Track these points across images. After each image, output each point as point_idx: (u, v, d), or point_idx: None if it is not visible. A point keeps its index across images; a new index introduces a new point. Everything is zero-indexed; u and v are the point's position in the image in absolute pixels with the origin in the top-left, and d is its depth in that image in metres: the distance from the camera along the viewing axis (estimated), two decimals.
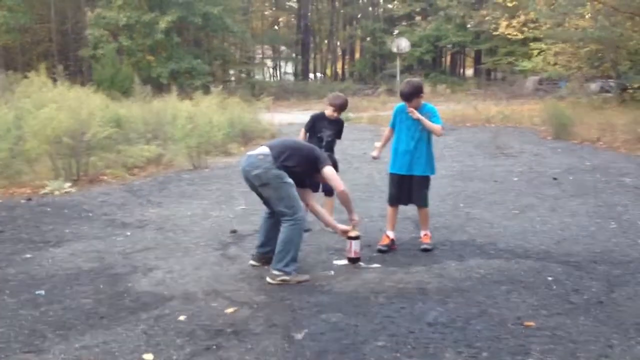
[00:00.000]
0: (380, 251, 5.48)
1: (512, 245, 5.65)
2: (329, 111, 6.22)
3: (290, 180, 4.78)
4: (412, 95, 5.47)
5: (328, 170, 4.90)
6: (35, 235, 6.31)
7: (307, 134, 6.34)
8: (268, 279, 4.72)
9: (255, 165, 4.76)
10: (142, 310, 4.18)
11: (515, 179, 9.13)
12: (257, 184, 4.81)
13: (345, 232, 5.17)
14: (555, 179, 9.00)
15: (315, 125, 6.28)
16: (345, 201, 5.01)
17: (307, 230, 6.01)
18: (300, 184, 5.05)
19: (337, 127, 6.32)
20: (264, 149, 4.85)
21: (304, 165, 4.90)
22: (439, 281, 4.68)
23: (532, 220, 6.56)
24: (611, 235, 5.92)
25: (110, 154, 10.55)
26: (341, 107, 6.25)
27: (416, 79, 5.82)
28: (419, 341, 3.59)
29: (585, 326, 3.78)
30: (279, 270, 4.69)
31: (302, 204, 4.89)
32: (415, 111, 5.45)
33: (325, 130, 6.24)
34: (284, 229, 4.76)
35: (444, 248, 5.61)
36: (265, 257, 5.05)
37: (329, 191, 6.13)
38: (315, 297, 4.38)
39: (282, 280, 4.67)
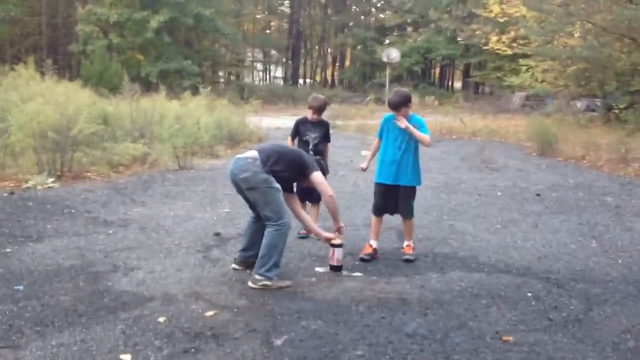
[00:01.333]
0: (362, 260, 5.49)
1: (493, 259, 5.69)
2: (309, 114, 6.26)
3: (277, 186, 4.78)
4: (400, 104, 5.49)
5: (316, 176, 4.91)
6: (16, 229, 6.25)
7: (295, 140, 6.36)
8: (250, 284, 4.71)
9: (244, 168, 4.76)
10: (121, 310, 4.16)
11: (499, 193, 9.19)
12: (245, 187, 4.81)
13: (328, 240, 5.17)
14: (538, 195, 9.07)
15: (299, 130, 6.31)
16: (333, 208, 5.02)
17: (303, 237, 6.11)
18: (288, 189, 5.06)
19: (322, 129, 6.31)
20: (253, 153, 4.85)
21: (291, 170, 4.91)
22: (420, 292, 4.70)
23: (514, 236, 6.61)
24: (592, 253, 5.97)
25: (96, 151, 10.49)
26: (319, 108, 6.25)
27: (405, 89, 5.86)
28: (398, 352, 3.60)
29: (563, 343, 3.81)
30: (261, 275, 4.68)
31: (288, 209, 4.90)
32: (403, 119, 5.47)
33: (310, 134, 6.24)
34: (268, 234, 4.76)
35: (426, 259, 5.63)
36: (247, 261, 5.05)
37: (315, 198, 6.14)
38: (296, 303, 4.37)
39: (264, 285, 4.66)
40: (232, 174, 4.87)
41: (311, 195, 6.10)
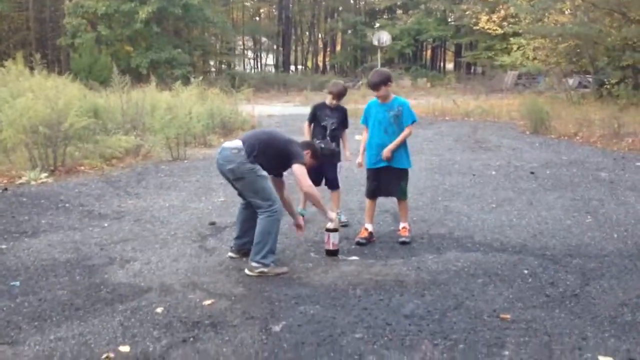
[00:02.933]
0: (358, 244, 5.50)
1: (489, 238, 5.70)
2: (328, 99, 6.26)
3: (264, 173, 4.78)
4: (380, 83, 5.46)
5: (296, 168, 4.85)
6: (11, 225, 6.23)
7: (312, 125, 6.35)
8: (246, 271, 4.71)
9: (229, 159, 4.75)
10: (118, 302, 4.15)
11: (494, 172, 9.20)
12: (232, 178, 4.82)
13: (331, 219, 5.17)
14: (532, 173, 9.08)
15: (317, 115, 6.29)
16: (314, 200, 4.99)
17: (345, 225, 6.04)
18: (275, 173, 5.06)
19: (340, 115, 6.29)
20: (238, 143, 4.82)
21: (276, 161, 4.89)
22: (417, 274, 4.71)
23: (509, 214, 6.62)
24: (587, 229, 5.99)
25: (88, 145, 10.45)
26: (339, 94, 6.24)
27: (384, 69, 5.87)
28: (396, 333, 3.61)
29: (560, 319, 3.82)
30: (257, 262, 4.68)
31: (277, 196, 4.89)
32: (387, 153, 5.47)
33: (328, 119, 6.22)
34: (260, 221, 4.76)
35: (422, 241, 5.63)
36: (243, 248, 5.05)
37: (333, 186, 6.22)
38: (293, 289, 4.38)
39: (261, 272, 4.66)
40: (218, 164, 4.87)
41: (328, 182, 6.20)
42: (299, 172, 4.85)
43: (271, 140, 4.99)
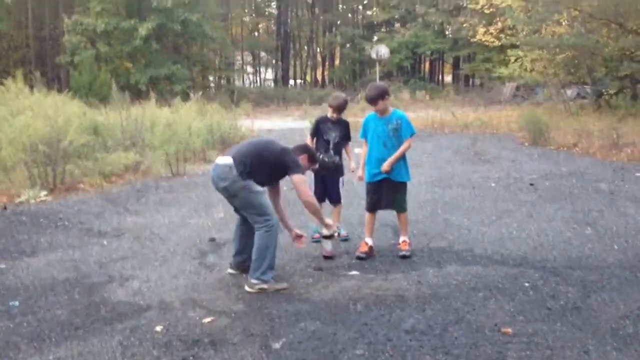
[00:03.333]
0: (359, 258, 5.48)
1: (489, 251, 5.68)
2: (329, 113, 6.25)
3: (259, 189, 4.75)
4: (377, 97, 5.47)
5: (296, 178, 4.82)
6: (10, 244, 6.22)
7: (314, 139, 6.29)
8: (246, 288, 4.70)
9: (222, 176, 4.73)
10: (117, 321, 4.14)
11: (493, 185, 9.20)
12: (226, 195, 4.82)
13: (328, 227, 5.25)
14: (532, 184, 9.08)
15: (319, 128, 6.24)
16: (313, 210, 4.99)
17: (345, 240, 6.07)
18: (272, 184, 5.06)
19: (342, 128, 6.24)
20: (228, 160, 4.76)
21: (271, 174, 4.89)
22: (417, 288, 4.69)
23: (509, 226, 6.61)
24: (587, 240, 5.98)
25: (87, 162, 10.45)
26: (339, 107, 6.19)
27: (381, 83, 5.87)
28: (397, 349, 3.60)
29: (562, 332, 3.80)
30: (256, 279, 4.67)
31: (273, 209, 4.87)
32: (387, 166, 5.48)
33: (331, 132, 6.17)
34: (257, 237, 4.74)
35: (422, 255, 5.62)
36: (242, 265, 5.03)
37: (335, 200, 6.21)
38: (293, 305, 4.36)
39: (260, 289, 4.64)
40: (213, 181, 4.86)
41: (330, 196, 6.20)
42: (298, 182, 4.83)
43: (263, 154, 4.91)
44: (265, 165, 4.83)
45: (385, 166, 5.48)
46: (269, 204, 4.83)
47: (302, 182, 4.86)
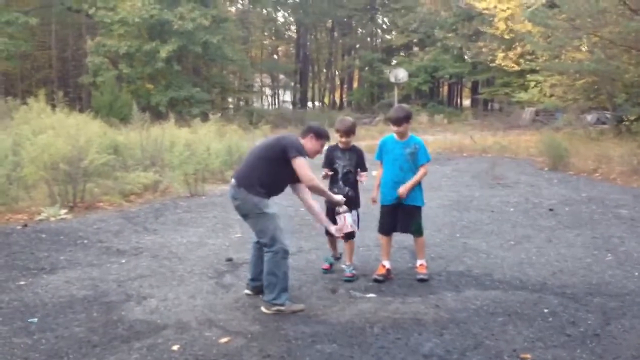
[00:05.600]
0: (376, 281, 5.46)
1: (508, 276, 5.64)
2: (338, 138, 5.75)
3: (270, 210, 4.71)
4: (403, 119, 5.50)
5: (296, 162, 4.68)
6: (29, 262, 6.28)
7: (328, 170, 5.80)
8: (262, 309, 4.70)
9: (235, 196, 4.79)
10: (135, 339, 4.15)
11: (512, 209, 9.13)
12: (240, 214, 4.87)
13: (339, 230, 5.20)
14: (551, 210, 9.00)
15: (331, 158, 5.79)
16: (319, 191, 4.93)
17: (349, 280, 5.54)
18: (291, 181, 4.96)
19: (352, 156, 5.74)
20: (233, 180, 4.83)
21: (278, 170, 4.75)
22: (435, 312, 4.66)
23: (529, 252, 6.55)
24: (607, 267, 5.91)
25: (107, 181, 10.55)
26: (347, 131, 5.64)
27: (406, 106, 5.86)
28: None
29: (582, 359, 3.75)
30: (271, 302, 4.66)
31: (283, 235, 4.77)
32: (404, 190, 5.46)
33: (339, 162, 5.72)
34: (266, 261, 4.74)
35: (440, 278, 5.59)
36: (259, 289, 5.03)
37: (347, 234, 5.55)
38: (310, 327, 4.35)
39: (277, 310, 4.64)
40: (230, 200, 4.91)
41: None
42: (298, 165, 4.69)
43: (259, 154, 4.85)
44: (265, 163, 4.75)
45: (402, 190, 5.47)
46: (277, 229, 4.71)
47: (303, 166, 4.71)
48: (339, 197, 5.18)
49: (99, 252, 6.73)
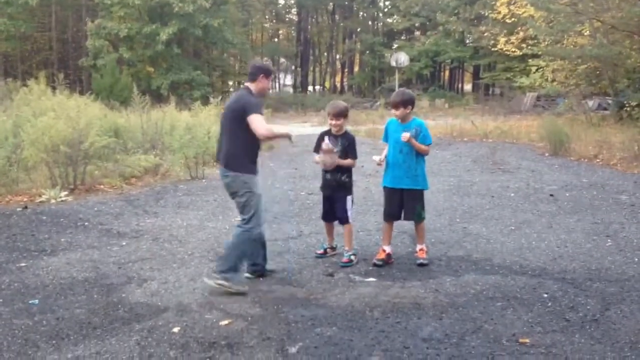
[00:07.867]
0: (376, 265, 5.47)
1: (508, 261, 5.64)
2: (329, 121, 5.66)
3: (258, 191, 4.84)
4: (399, 103, 5.47)
5: (251, 118, 4.71)
6: (30, 243, 6.29)
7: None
8: (205, 278, 4.86)
9: (225, 174, 4.90)
10: (135, 321, 4.16)
11: (512, 194, 9.13)
12: (229, 192, 4.96)
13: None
14: (552, 195, 9.01)
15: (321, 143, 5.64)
16: (273, 135, 4.96)
17: (346, 265, 5.48)
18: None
19: (345, 142, 5.60)
20: (222, 166, 4.96)
21: (250, 132, 4.74)
22: (435, 296, 4.67)
23: (529, 237, 6.56)
24: (607, 252, 5.92)
25: (108, 164, 10.56)
26: (336, 114, 5.55)
27: (409, 91, 5.81)
28: (414, 357, 3.58)
29: (580, 344, 3.77)
30: (219, 274, 4.75)
31: (262, 220, 4.93)
32: (407, 136, 5.42)
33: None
34: (236, 235, 4.86)
35: (440, 263, 5.60)
36: (258, 271, 5.10)
37: (342, 220, 5.65)
38: (310, 310, 4.36)
39: (220, 285, 4.71)
40: (221, 178, 5.04)
41: (336, 215, 5.69)
42: (252, 120, 4.71)
43: (230, 126, 4.89)
44: (244, 130, 4.75)
45: (405, 134, 5.41)
46: (260, 210, 4.87)
47: (256, 120, 4.72)
48: (286, 130, 5.14)
49: (99, 234, 6.74)
